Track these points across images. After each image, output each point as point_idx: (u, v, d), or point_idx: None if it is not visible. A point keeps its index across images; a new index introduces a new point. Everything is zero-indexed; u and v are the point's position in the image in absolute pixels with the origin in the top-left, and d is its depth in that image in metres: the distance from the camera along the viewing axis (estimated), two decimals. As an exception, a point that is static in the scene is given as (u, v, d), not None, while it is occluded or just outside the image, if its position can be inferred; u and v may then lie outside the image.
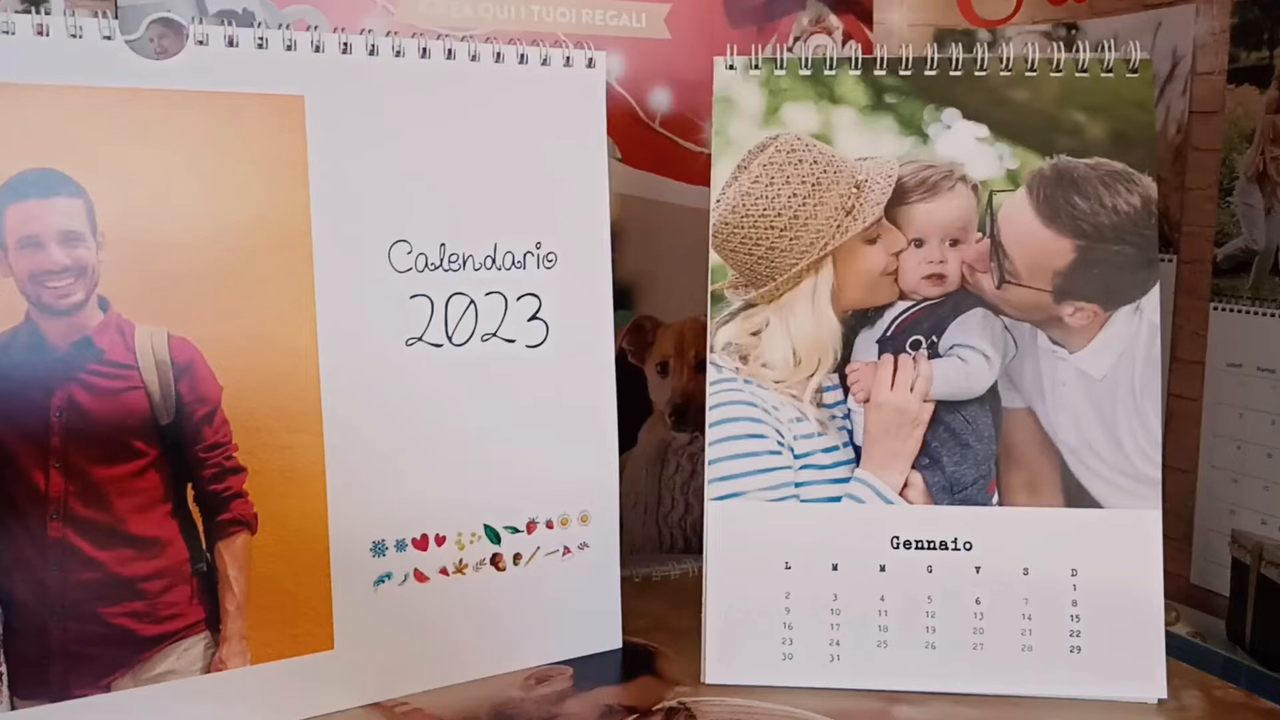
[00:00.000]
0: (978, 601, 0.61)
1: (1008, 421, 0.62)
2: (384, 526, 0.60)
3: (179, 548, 0.55)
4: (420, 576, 0.61)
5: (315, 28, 0.58)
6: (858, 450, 0.63)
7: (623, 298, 0.78)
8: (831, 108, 0.64)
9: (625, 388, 0.78)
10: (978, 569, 0.61)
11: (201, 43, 0.55)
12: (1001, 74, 0.63)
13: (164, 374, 0.55)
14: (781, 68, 0.64)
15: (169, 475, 0.55)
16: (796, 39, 0.79)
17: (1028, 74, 0.63)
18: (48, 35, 0.52)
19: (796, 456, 0.63)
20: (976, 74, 0.63)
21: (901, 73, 0.63)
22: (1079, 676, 0.61)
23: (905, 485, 0.62)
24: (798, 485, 0.63)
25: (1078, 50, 0.64)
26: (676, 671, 0.64)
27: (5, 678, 0.51)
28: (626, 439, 0.79)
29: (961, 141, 0.63)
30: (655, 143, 0.77)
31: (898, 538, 0.62)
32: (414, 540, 0.61)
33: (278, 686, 0.57)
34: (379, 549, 0.60)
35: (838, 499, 0.62)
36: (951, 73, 0.63)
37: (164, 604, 0.55)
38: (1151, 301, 0.62)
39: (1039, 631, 0.61)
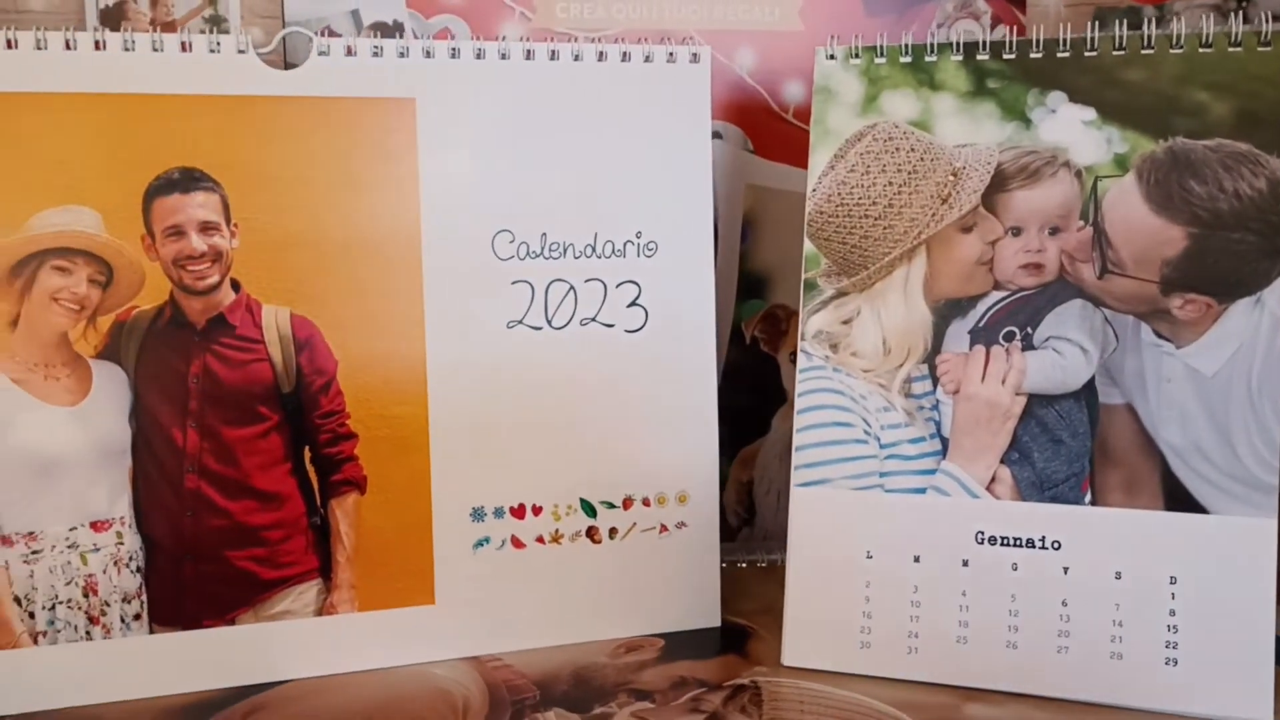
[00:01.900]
0: (1064, 604, 0.59)
1: (1105, 418, 0.59)
2: (483, 494, 0.65)
3: (297, 503, 0.62)
4: (517, 543, 0.65)
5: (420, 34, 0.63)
6: (945, 442, 0.62)
7: (756, 287, 0.79)
8: (931, 94, 0.63)
9: (758, 376, 0.80)
10: (1066, 570, 0.59)
11: (323, 53, 0.61)
12: (1114, 54, 0.60)
13: (286, 348, 0.62)
14: (882, 55, 0.64)
15: (289, 438, 0.62)
16: (940, 25, 0.78)
17: (1143, 52, 0.60)
18: (190, 51, 0.60)
19: (882, 446, 0.62)
20: (1086, 55, 0.60)
21: (1005, 56, 0.62)
22: (1174, 690, 0.57)
23: (993, 480, 0.60)
24: (882, 475, 0.62)
25: (1231, 24, 0.60)
26: (764, 653, 0.65)
27: (146, 607, 0.60)
28: (760, 427, 0.80)
29: (1066, 126, 0.60)
30: (788, 134, 0.77)
31: (982, 533, 0.60)
32: (511, 509, 0.65)
33: (382, 633, 0.63)
34: (478, 514, 0.65)
35: (922, 491, 0.62)
36: (1059, 54, 0.61)
37: (282, 551, 0.62)
38: (1275, 294, 0.57)
39: (1130, 639, 0.58)
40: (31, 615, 0.58)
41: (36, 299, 0.58)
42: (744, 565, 0.79)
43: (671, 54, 0.66)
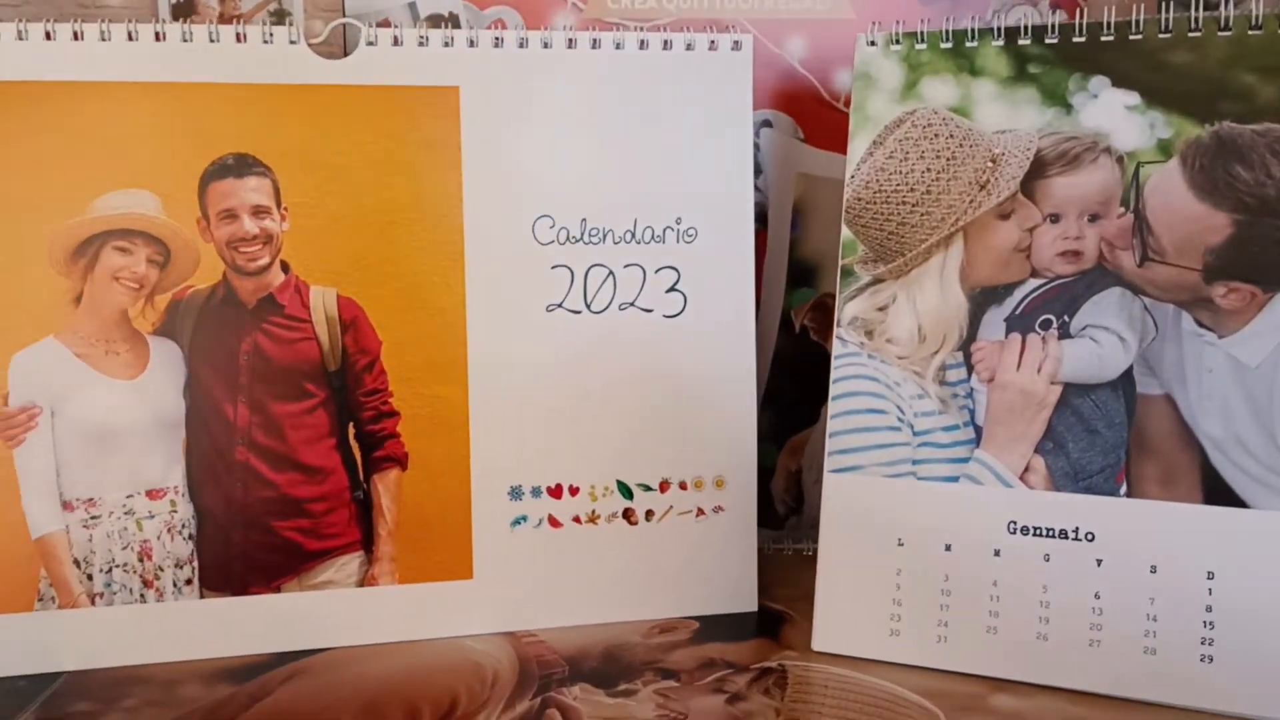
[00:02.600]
0: (1097, 596, 0.58)
1: (1142, 408, 0.58)
2: (521, 473, 0.66)
3: (340, 477, 0.64)
4: (554, 522, 0.67)
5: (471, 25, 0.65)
6: (978, 430, 0.61)
7: (806, 275, 0.79)
8: (971, 80, 0.62)
9: (807, 365, 0.80)
10: (1099, 562, 0.58)
11: (371, 44, 0.63)
12: (1160, 37, 0.59)
13: (332, 328, 0.64)
14: (922, 41, 0.63)
15: (334, 414, 0.64)
16: (995, 12, 0.76)
17: (1190, 35, 0.58)
18: (245, 42, 0.62)
19: (916, 434, 0.62)
20: (1131, 38, 0.59)
21: (1047, 41, 0.61)
22: (1209, 688, 0.56)
23: (1026, 469, 0.60)
24: (915, 463, 0.62)
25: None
26: (797, 638, 0.65)
27: (197, 572, 0.63)
28: (809, 416, 0.80)
29: (1108, 110, 0.59)
30: (839, 122, 0.77)
31: (1015, 523, 0.60)
32: (549, 488, 0.66)
33: (421, 606, 0.65)
34: (516, 493, 0.66)
35: (955, 479, 0.61)
36: (1103, 38, 0.60)
37: (326, 523, 0.64)
38: (1323, 283, 0.55)
39: (1165, 635, 0.56)
40: (90, 577, 0.62)
41: (99, 278, 0.62)
42: (790, 552, 0.79)
43: (713, 42, 0.66)
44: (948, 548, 0.61)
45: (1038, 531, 0.59)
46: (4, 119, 0.60)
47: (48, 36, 0.60)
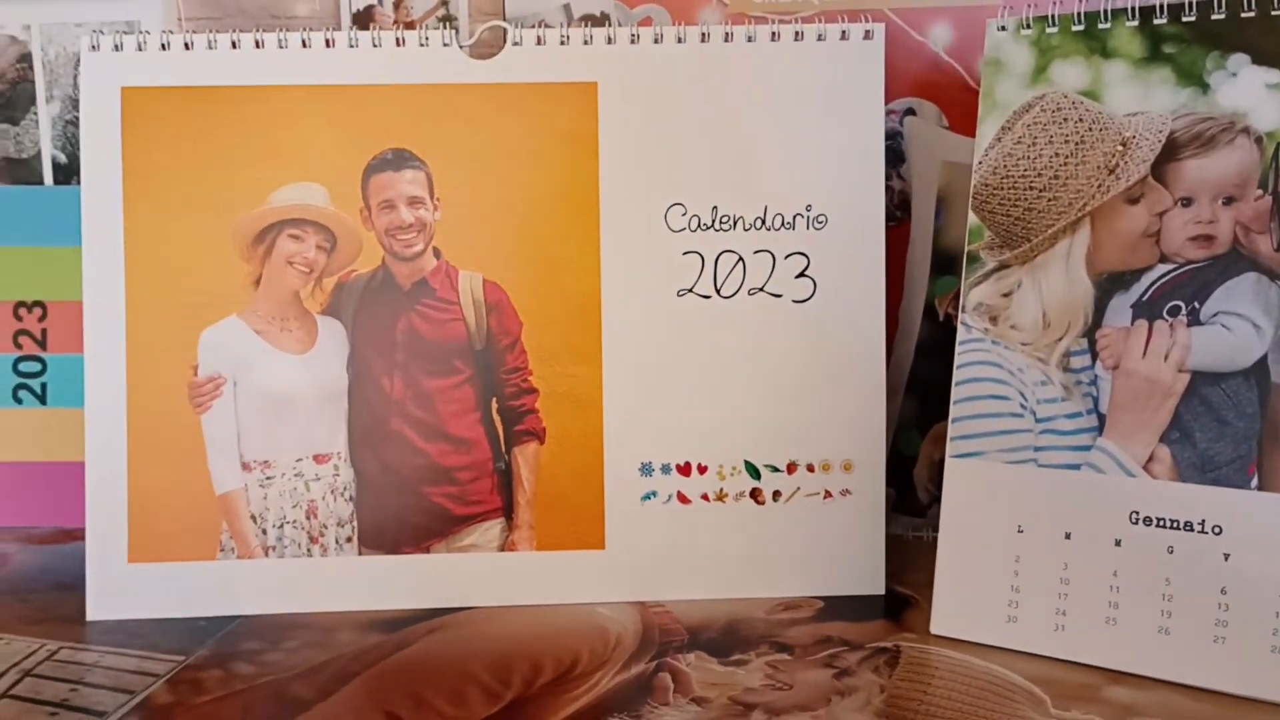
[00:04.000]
0: (1223, 591, 0.56)
1: (1276, 398, 0.56)
2: (652, 450, 0.69)
3: (484, 448, 0.69)
4: (683, 498, 0.69)
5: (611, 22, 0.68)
6: (1102, 418, 0.60)
7: (950, 264, 0.79)
8: (1103, 62, 0.61)
9: (951, 353, 0.79)
10: (1226, 556, 0.56)
11: (517, 44, 0.68)
12: (1305, 11, 0.56)
13: (479, 310, 0.69)
14: (1053, 24, 0.62)
15: (479, 390, 0.69)
16: (1154, -9, 0.74)
17: (1339, 8, 0.55)
18: (404, 46, 0.68)
19: (1038, 420, 0.61)
20: (1274, 13, 0.57)
21: (1184, 19, 0.59)
22: (1341, 692, 0.53)
23: (1151, 459, 0.58)
24: (1037, 449, 0.61)
25: None
26: (918, 621, 0.66)
27: (356, 531, 0.69)
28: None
29: (1248, 89, 0.57)
30: (986, 109, 0.77)
31: (1137, 513, 0.58)
32: (678, 466, 0.69)
33: (556, 572, 0.69)
34: (646, 469, 0.69)
35: (1077, 467, 0.60)
36: (1243, 14, 0.57)
37: (471, 491, 0.69)
38: None
39: (1294, 634, 0.54)
40: (264, 532, 0.69)
41: (275, 262, 0.68)
42: (930, 539, 0.79)
43: (844, 32, 0.67)
44: (1068, 536, 0.60)
45: (1161, 523, 0.58)
46: (196, 121, 0.67)
47: (233, 45, 0.67)
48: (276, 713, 0.56)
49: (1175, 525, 0.58)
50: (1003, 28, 0.64)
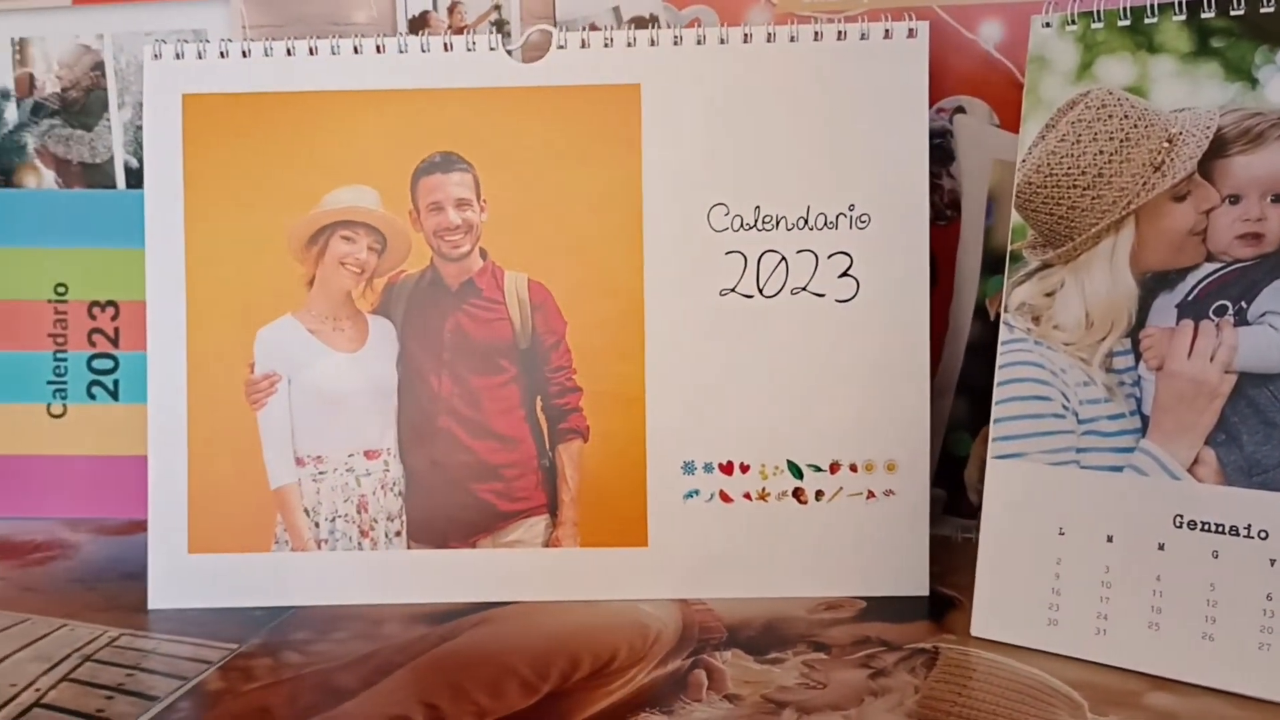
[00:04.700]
0: (1269, 598, 0.55)
1: (1325, 401, 0.54)
2: (694, 449, 0.70)
3: (529, 445, 0.70)
4: (725, 497, 0.70)
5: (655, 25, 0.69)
6: (1145, 420, 0.59)
7: (1001, 263, 0.78)
8: (1149, 57, 0.60)
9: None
10: (1272, 562, 0.55)
11: (562, 47, 0.69)
12: (1358, 3, 0.55)
13: (524, 310, 0.70)
14: (1099, 20, 0.61)
15: (524, 388, 0.70)
16: (1212, -16, 0.72)
17: (1393, 0, 0.54)
18: (452, 50, 0.69)
19: (1080, 421, 0.61)
20: (1326, 6, 0.55)
21: (1233, 13, 0.58)
22: (1390, 702, 0.52)
23: (1195, 461, 0.57)
24: (1079, 451, 0.60)
25: None
26: (960, 623, 0.65)
27: (405, 525, 0.71)
28: (1006, 404, 0.79)
29: (1298, 84, 0.56)
30: (1038, 106, 0.76)
31: (1181, 516, 0.57)
32: (720, 465, 0.70)
33: (600, 568, 0.70)
34: (689, 468, 0.70)
35: (1119, 469, 0.59)
36: (1294, 7, 0.56)
37: (517, 487, 0.70)
38: None
39: (1342, 642, 0.53)
40: (317, 525, 0.71)
41: (328, 263, 0.70)
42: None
43: (888, 31, 0.67)
44: (1110, 539, 0.59)
45: (1206, 527, 0.57)
46: (253, 126, 0.70)
47: (288, 53, 0.70)
48: (320, 701, 0.58)
49: (1221, 530, 0.56)
50: (1047, 24, 0.64)
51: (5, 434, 0.89)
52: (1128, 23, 0.61)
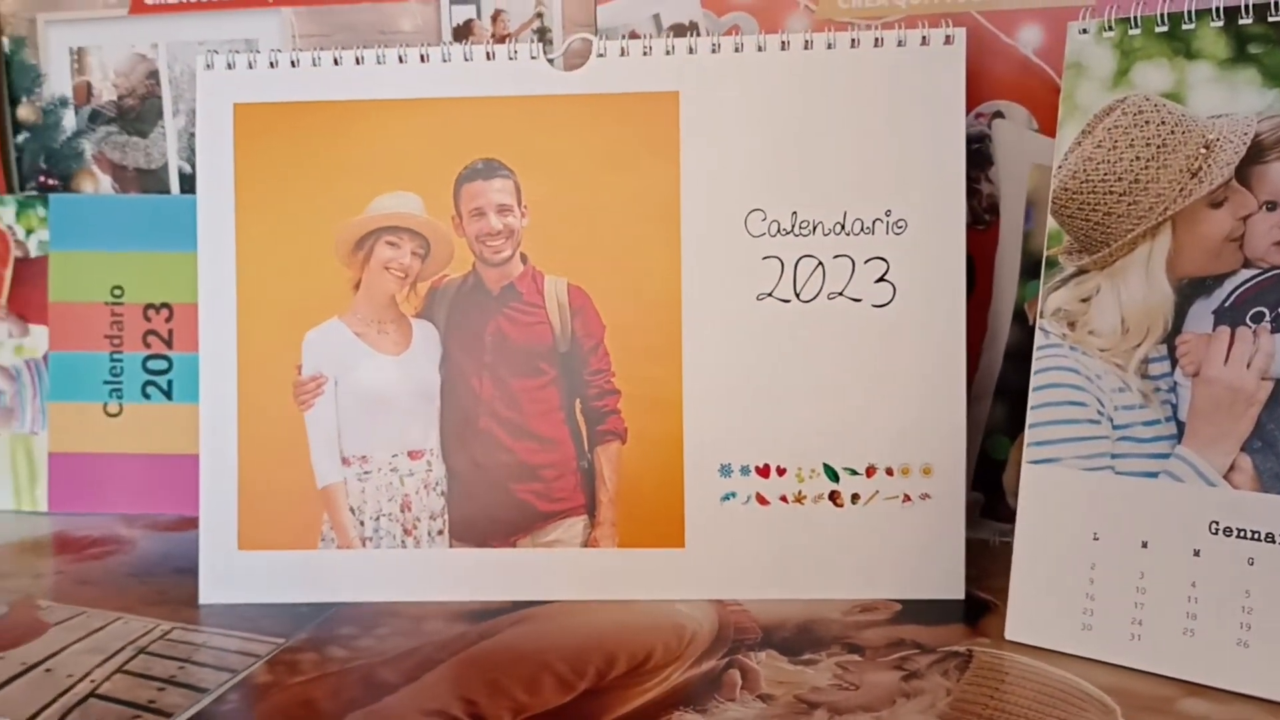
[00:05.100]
0: (1305, 605, 0.54)
1: (1362, 408, 0.54)
2: (731, 452, 0.70)
3: (568, 447, 0.72)
4: (762, 499, 0.70)
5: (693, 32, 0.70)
6: (1181, 426, 0.59)
7: (1040, 268, 0.78)
8: (1186, 64, 0.60)
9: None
10: (1308, 569, 0.55)
11: (602, 55, 0.70)
12: (1398, 9, 0.54)
13: (563, 313, 0.71)
14: (1136, 26, 0.61)
15: (563, 390, 0.71)
16: (1255, -13, 0.72)
17: None
18: (494, 59, 0.70)
19: (1115, 427, 0.61)
20: (1366, 12, 0.55)
21: (1270, 19, 0.57)
22: None
23: (1231, 468, 0.57)
24: (1114, 457, 0.61)
25: None
26: (995, 627, 0.65)
27: (447, 525, 0.72)
28: (1046, 409, 0.79)
29: (1337, 90, 0.56)
30: (1078, 111, 0.75)
31: (1217, 523, 0.57)
32: (757, 468, 0.70)
33: (637, 569, 0.71)
34: (725, 470, 0.70)
35: (1154, 475, 0.59)
36: (1333, 13, 0.56)
37: (556, 488, 0.72)
38: None
39: (1378, 651, 0.52)
40: (362, 523, 0.72)
41: (374, 268, 0.72)
42: (1018, 547, 0.79)
43: (925, 37, 0.68)
44: (1145, 545, 0.59)
45: (1242, 534, 0.57)
46: (302, 134, 0.72)
47: (335, 62, 0.71)
48: (363, 695, 0.60)
49: (1257, 536, 0.56)
50: (1084, 30, 0.64)
51: (64, 432, 0.92)
52: (1165, 29, 0.61)
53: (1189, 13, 0.60)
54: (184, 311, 0.91)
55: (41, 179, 0.97)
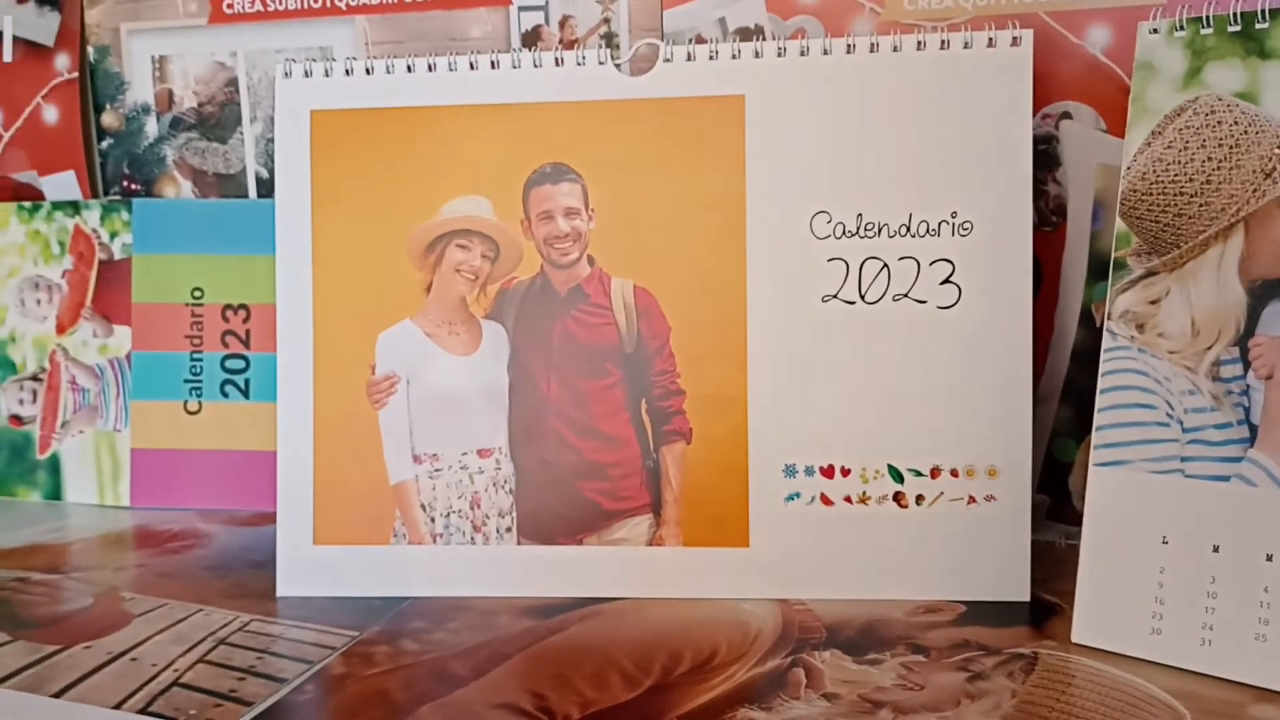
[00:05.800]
0: (1380, 611, 0.54)
1: None
2: (795, 452, 0.71)
3: (634, 447, 0.73)
4: (826, 500, 0.71)
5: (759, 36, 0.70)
6: (1254, 429, 0.58)
7: (1107, 269, 0.77)
8: (1260, 63, 0.59)
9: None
10: (1384, 575, 0.54)
11: (668, 60, 0.71)
12: None
13: (630, 315, 0.72)
14: (1208, 26, 0.61)
15: (629, 391, 0.72)
16: (1331, -16, 0.71)
17: None
18: (562, 65, 0.72)
19: (1185, 430, 0.60)
20: None
21: (1347, 18, 0.57)
22: None
23: (1304, 472, 0.56)
24: (1183, 460, 0.60)
25: None
26: (1061, 629, 0.65)
27: (515, 522, 0.73)
28: (1114, 411, 0.79)
29: None
30: (1148, 111, 0.75)
31: (1289, 528, 0.56)
32: (821, 468, 0.71)
33: (702, 568, 0.72)
34: (790, 471, 0.71)
35: (1226, 479, 0.59)
36: None
37: (621, 487, 0.73)
38: None
39: None
40: (432, 520, 0.74)
41: (444, 270, 0.74)
42: (1086, 550, 0.78)
43: (991, 39, 0.68)
44: (1215, 549, 0.59)
45: (1315, 538, 0.56)
46: (376, 139, 0.73)
47: (408, 70, 0.73)
48: (435, 688, 0.61)
49: (1329, 541, 0.56)
50: (1155, 30, 0.63)
51: (146, 429, 0.95)
52: (1238, 28, 0.60)
53: (1263, 11, 0.60)
54: (261, 312, 0.93)
55: (125, 184, 1.01)
